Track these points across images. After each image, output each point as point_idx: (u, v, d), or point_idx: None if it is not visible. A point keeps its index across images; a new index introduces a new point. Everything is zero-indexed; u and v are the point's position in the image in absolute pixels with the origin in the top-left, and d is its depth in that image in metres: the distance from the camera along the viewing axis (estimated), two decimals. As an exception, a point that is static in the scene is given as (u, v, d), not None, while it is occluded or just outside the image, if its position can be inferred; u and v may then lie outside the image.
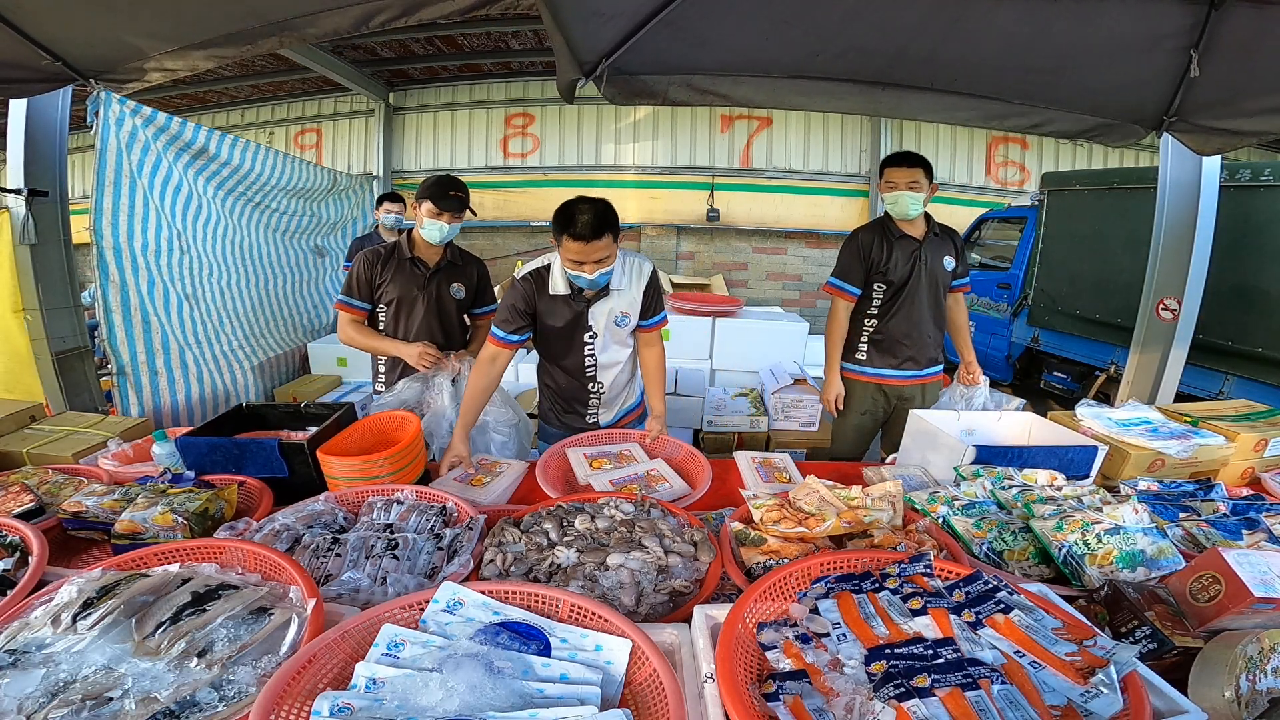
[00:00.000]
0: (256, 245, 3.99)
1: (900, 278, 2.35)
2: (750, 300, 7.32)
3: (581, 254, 1.71)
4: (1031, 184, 7.49)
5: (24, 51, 1.90)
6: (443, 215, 2.14)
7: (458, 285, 2.30)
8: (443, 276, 2.27)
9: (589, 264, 1.74)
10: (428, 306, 2.25)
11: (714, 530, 1.31)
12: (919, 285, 2.36)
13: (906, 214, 2.29)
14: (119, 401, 2.80)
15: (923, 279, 2.36)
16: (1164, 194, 3.15)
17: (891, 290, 2.38)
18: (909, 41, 1.97)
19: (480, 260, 2.44)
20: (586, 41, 1.80)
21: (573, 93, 1.90)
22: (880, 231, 2.37)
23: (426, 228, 2.15)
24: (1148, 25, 1.76)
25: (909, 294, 2.36)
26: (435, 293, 2.25)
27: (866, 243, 2.37)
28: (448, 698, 0.71)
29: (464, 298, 2.33)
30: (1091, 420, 1.80)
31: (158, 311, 2.97)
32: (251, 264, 3.91)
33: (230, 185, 3.66)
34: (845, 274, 2.41)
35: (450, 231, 2.17)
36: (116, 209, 2.73)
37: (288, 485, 1.52)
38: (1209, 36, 1.73)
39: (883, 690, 0.75)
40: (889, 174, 2.29)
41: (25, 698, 0.75)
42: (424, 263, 2.24)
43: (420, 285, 2.23)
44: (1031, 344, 5.31)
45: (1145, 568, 1.12)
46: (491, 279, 2.51)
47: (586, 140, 7.68)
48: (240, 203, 3.82)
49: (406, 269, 2.22)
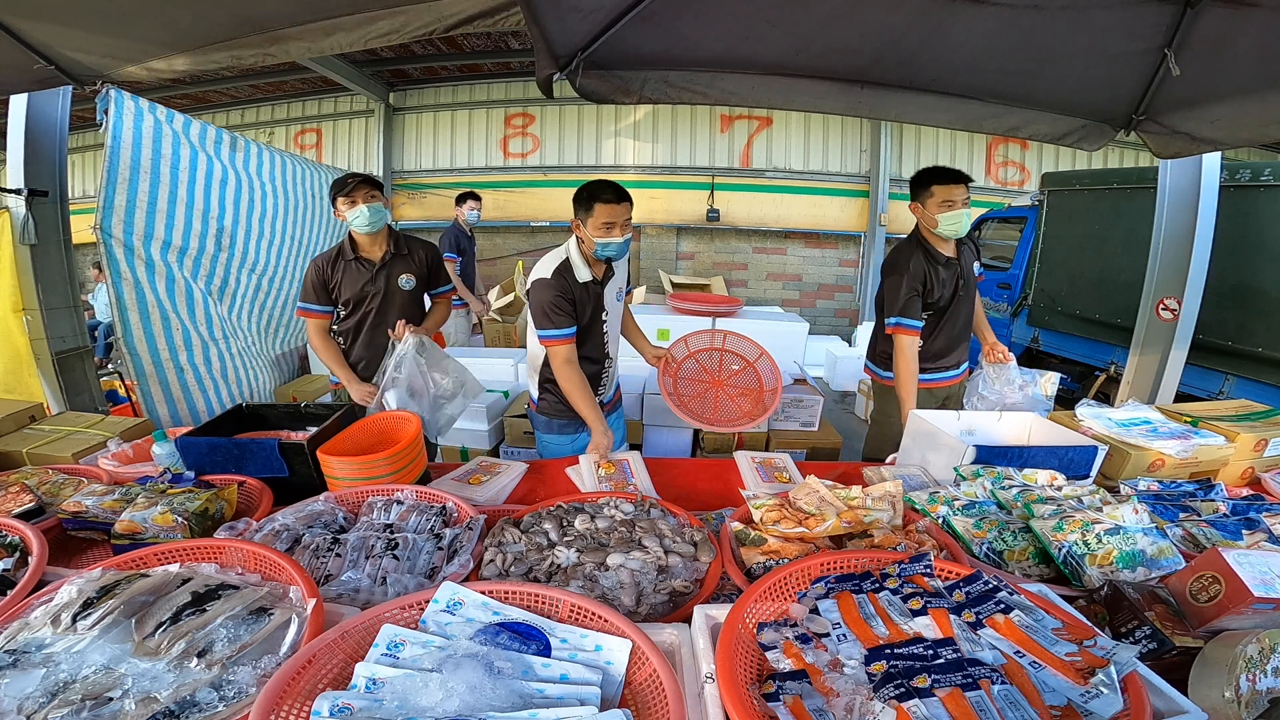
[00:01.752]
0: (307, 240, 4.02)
1: (945, 301, 2.31)
2: (750, 300, 7.33)
3: (614, 215, 1.87)
4: (1031, 184, 7.49)
5: (17, 55, 1.90)
6: (356, 199, 2.17)
7: (406, 276, 2.33)
8: (390, 270, 2.30)
9: (618, 227, 1.89)
10: (380, 303, 2.29)
11: (714, 530, 1.31)
12: (961, 304, 2.35)
13: (962, 233, 2.22)
14: (142, 404, 2.76)
15: (965, 297, 2.35)
16: (1164, 194, 3.15)
17: (937, 313, 2.34)
18: (890, 42, 1.97)
19: (429, 244, 2.46)
20: (562, 36, 1.80)
21: (550, 88, 1.91)
22: (927, 259, 2.26)
23: (353, 220, 2.19)
24: (1125, 25, 1.76)
25: (951, 313, 2.35)
26: (384, 288, 2.29)
27: (919, 273, 2.24)
28: (448, 698, 0.71)
29: (415, 287, 2.35)
30: (1091, 420, 1.80)
31: (178, 309, 2.94)
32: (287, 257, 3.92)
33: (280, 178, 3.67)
34: (909, 310, 2.24)
35: (374, 213, 2.20)
36: (131, 206, 2.70)
37: (288, 485, 1.52)
38: (1181, 36, 1.74)
39: (883, 690, 0.75)
40: (941, 191, 2.16)
41: (25, 698, 0.75)
42: (368, 260, 2.28)
43: (369, 282, 2.27)
44: (1031, 344, 5.30)
45: (1145, 568, 1.12)
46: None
47: (586, 140, 7.68)
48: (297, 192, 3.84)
49: (354, 269, 2.27)
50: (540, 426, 2.20)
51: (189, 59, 1.92)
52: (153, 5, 1.75)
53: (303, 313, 2.32)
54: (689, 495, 1.65)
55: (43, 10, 1.78)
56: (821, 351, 6.15)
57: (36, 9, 1.77)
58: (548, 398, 2.14)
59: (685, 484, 1.76)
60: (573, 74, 1.93)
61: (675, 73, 2.14)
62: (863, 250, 7.68)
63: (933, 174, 2.21)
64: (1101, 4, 1.70)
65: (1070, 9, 1.71)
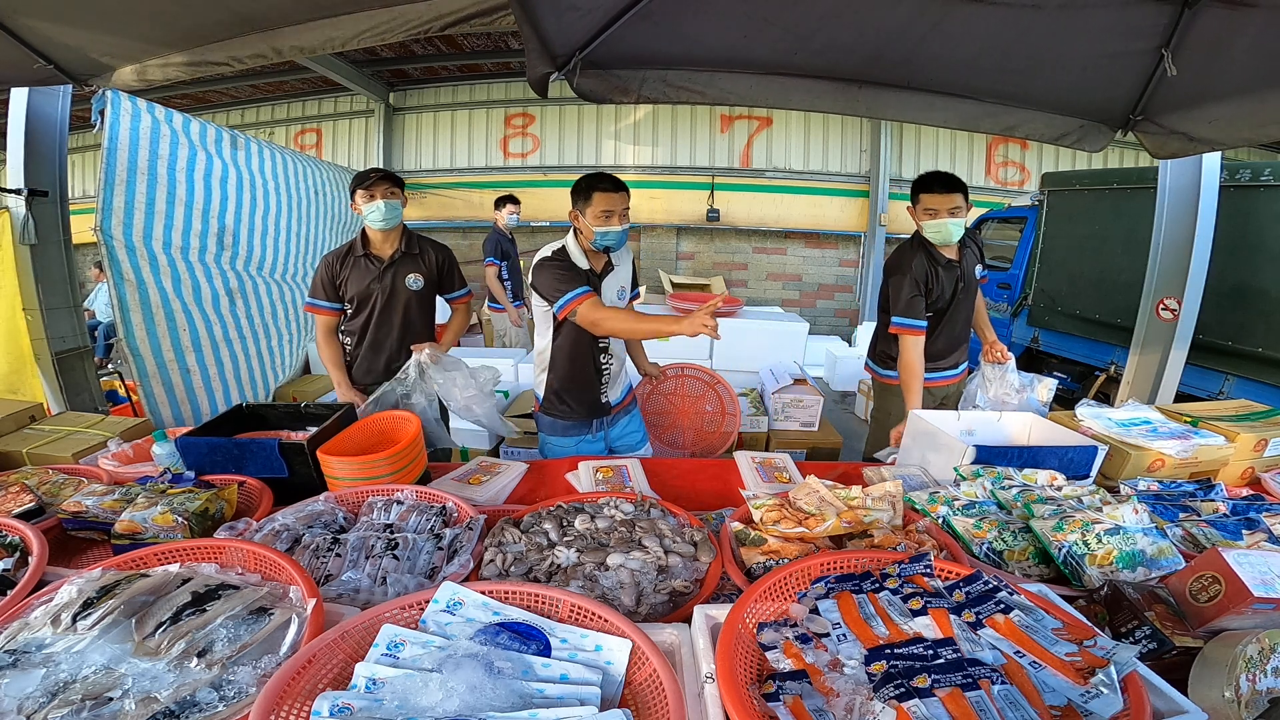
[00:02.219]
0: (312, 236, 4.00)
1: (945, 302, 2.32)
2: (750, 300, 7.32)
3: (612, 203, 1.90)
4: (1031, 184, 7.48)
5: (16, 54, 1.90)
6: (375, 194, 2.17)
7: (414, 276, 2.31)
8: (398, 269, 2.28)
9: (617, 215, 1.92)
10: (385, 301, 2.28)
11: (714, 530, 1.31)
12: (960, 305, 2.35)
13: (949, 241, 2.22)
14: (145, 405, 2.75)
15: (965, 299, 2.36)
16: (1164, 194, 3.15)
17: (936, 314, 2.34)
18: (888, 41, 1.97)
19: (445, 247, 2.46)
20: (560, 34, 1.80)
21: (545, 87, 1.90)
22: (928, 260, 2.26)
23: (368, 214, 2.19)
24: (1123, 25, 1.76)
25: (951, 314, 2.35)
26: (390, 286, 2.28)
27: (921, 274, 2.24)
28: (448, 698, 0.71)
29: (422, 288, 2.33)
30: (1091, 420, 1.80)
31: (187, 308, 2.92)
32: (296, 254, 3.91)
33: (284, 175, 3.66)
34: (911, 311, 2.23)
35: (390, 209, 2.19)
36: (131, 206, 2.69)
37: (288, 485, 1.52)
38: (1179, 36, 1.74)
39: (883, 690, 0.75)
40: (927, 200, 2.17)
41: (25, 698, 0.75)
42: (378, 257, 2.27)
43: (375, 280, 2.26)
44: (1031, 344, 5.30)
45: (1145, 568, 1.12)
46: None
47: (586, 140, 7.67)
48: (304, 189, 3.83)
49: (362, 265, 2.25)
50: (545, 428, 2.18)
51: (185, 57, 1.92)
52: (149, 2, 1.74)
53: (311, 308, 2.31)
54: (689, 495, 1.65)
55: (41, 9, 1.78)
56: (821, 351, 6.15)
57: (35, 8, 1.77)
58: (552, 399, 2.13)
59: (685, 484, 1.76)
60: (570, 74, 1.94)
61: (673, 72, 2.14)
62: (863, 250, 7.68)
63: (925, 182, 2.23)
64: (1100, 3, 1.70)
65: (1068, 8, 1.71)
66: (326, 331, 2.32)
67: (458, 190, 7.74)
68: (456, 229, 7.94)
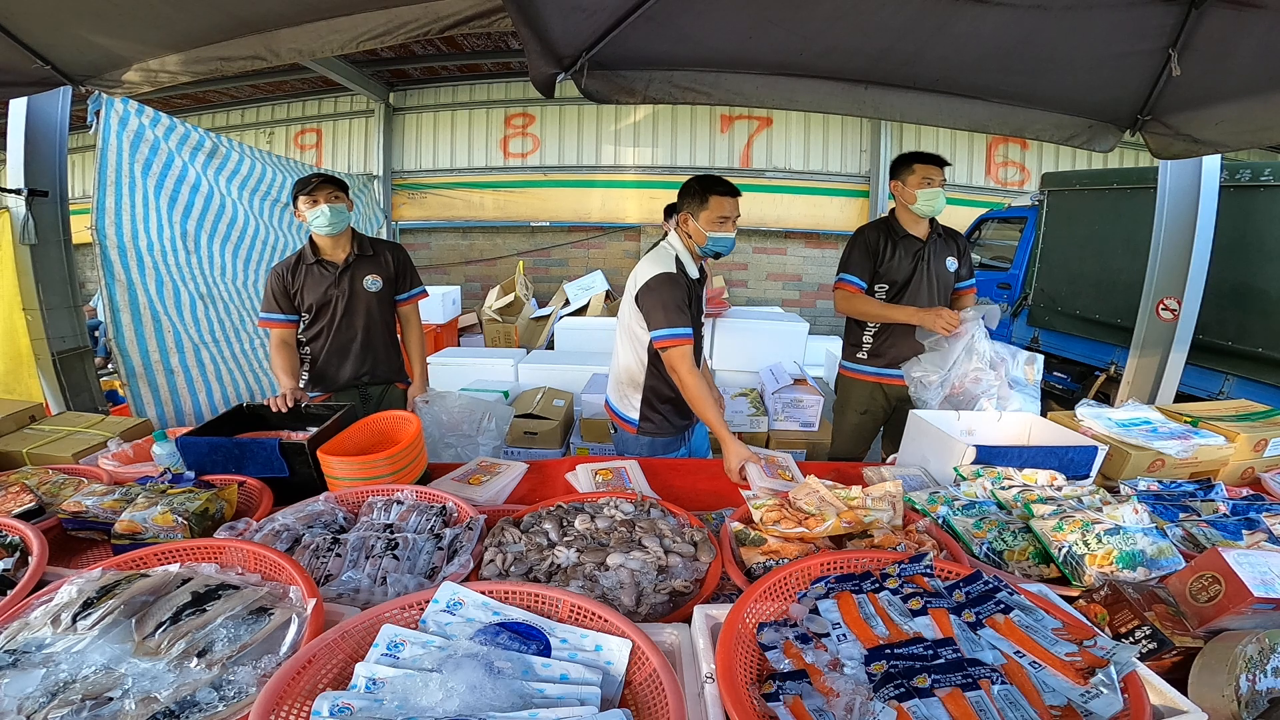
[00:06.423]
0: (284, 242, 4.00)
1: (902, 277, 2.34)
2: (750, 300, 7.33)
3: (728, 209, 1.82)
4: (1031, 184, 7.48)
5: (14, 55, 1.90)
6: (318, 199, 2.12)
7: (373, 278, 2.28)
8: (354, 272, 2.25)
9: (731, 221, 1.84)
10: (345, 306, 2.24)
11: (714, 530, 1.31)
12: (920, 286, 2.35)
13: (938, 211, 2.29)
14: (131, 404, 2.77)
15: (924, 280, 2.34)
16: (1164, 194, 3.15)
17: (894, 290, 2.36)
18: (894, 42, 1.97)
19: (398, 246, 2.43)
20: (566, 36, 1.80)
21: (551, 88, 1.89)
22: (885, 230, 2.36)
23: (313, 220, 2.13)
24: (1129, 25, 1.76)
25: (910, 294, 2.35)
26: (349, 290, 2.24)
27: (872, 239, 2.34)
28: (448, 698, 0.71)
29: (381, 288, 2.30)
30: (1091, 420, 1.80)
31: (168, 311, 2.95)
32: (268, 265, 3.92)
33: (252, 185, 3.68)
34: (852, 267, 2.35)
35: (335, 213, 2.13)
36: (120, 208, 2.73)
37: (288, 485, 1.52)
38: (1186, 37, 1.74)
39: (883, 690, 0.75)
40: (926, 170, 2.24)
41: (25, 698, 0.75)
42: (331, 263, 2.22)
43: (333, 285, 2.21)
44: (1031, 344, 5.30)
45: (1145, 568, 1.12)
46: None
47: (586, 140, 7.67)
48: (266, 202, 3.84)
49: (316, 273, 2.21)
50: (635, 449, 2.00)
51: (183, 59, 1.92)
52: (147, 3, 1.74)
53: (265, 323, 2.23)
54: (689, 495, 1.65)
55: (39, 9, 1.78)
56: (821, 351, 6.13)
57: (33, 8, 1.77)
58: (654, 417, 1.97)
59: (685, 484, 1.76)
60: (577, 74, 1.93)
61: (679, 72, 2.14)
62: (863, 250, 7.68)
63: (918, 154, 2.29)
64: (1106, 4, 1.70)
65: (1074, 9, 1.71)
66: (280, 344, 2.22)
67: (458, 190, 7.75)
68: (456, 229, 7.95)
